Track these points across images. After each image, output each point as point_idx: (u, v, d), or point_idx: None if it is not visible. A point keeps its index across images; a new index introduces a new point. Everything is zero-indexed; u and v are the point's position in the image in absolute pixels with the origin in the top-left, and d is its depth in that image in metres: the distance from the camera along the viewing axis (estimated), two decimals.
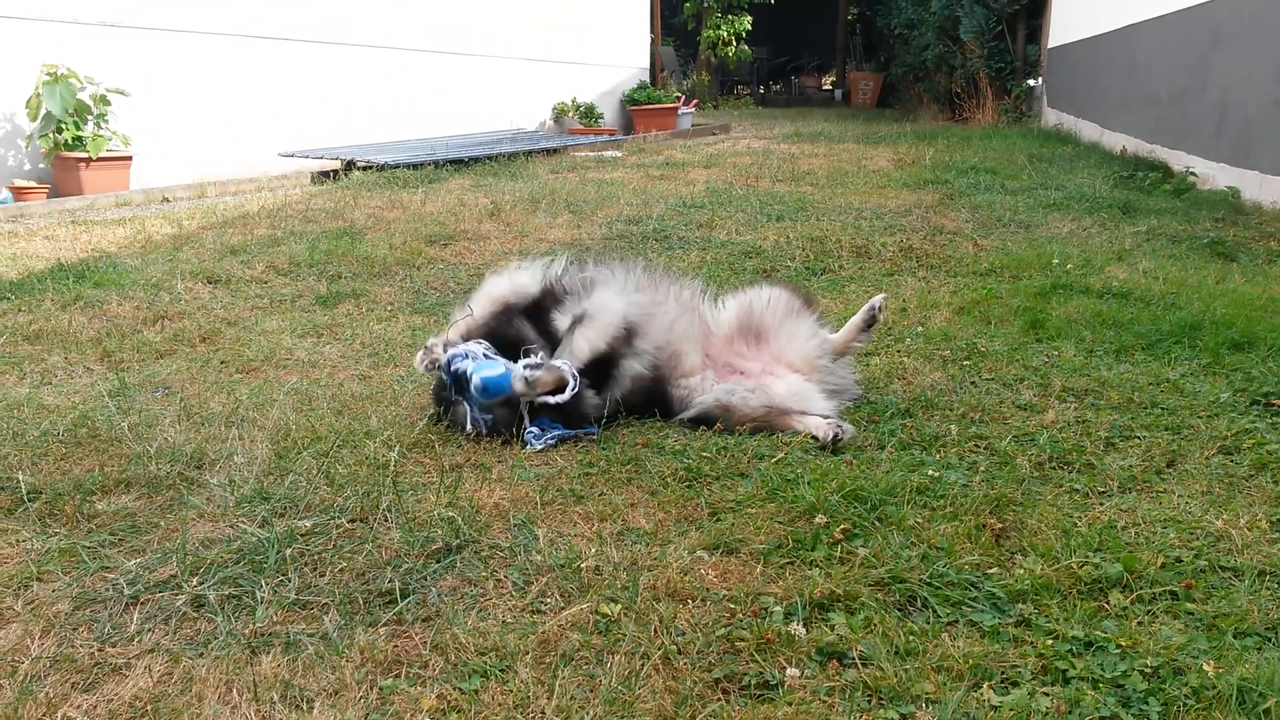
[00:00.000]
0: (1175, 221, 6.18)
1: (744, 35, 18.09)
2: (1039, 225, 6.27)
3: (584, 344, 2.97)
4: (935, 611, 1.99)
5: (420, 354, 3.05)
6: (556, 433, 2.90)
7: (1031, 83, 13.70)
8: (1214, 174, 7.36)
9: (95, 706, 1.71)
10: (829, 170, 8.67)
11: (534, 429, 2.88)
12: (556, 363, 2.92)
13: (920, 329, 4.06)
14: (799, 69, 25.47)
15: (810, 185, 7.90)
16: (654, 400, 3.11)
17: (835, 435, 2.83)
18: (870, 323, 3.33)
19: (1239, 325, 3.83)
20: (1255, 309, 4.07)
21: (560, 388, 2.86)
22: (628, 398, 3.05)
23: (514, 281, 3.21)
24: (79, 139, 7.49)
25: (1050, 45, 13.06)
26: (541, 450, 2.84)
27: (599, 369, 2.97)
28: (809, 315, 3.31)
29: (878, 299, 3.33)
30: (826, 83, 25.55)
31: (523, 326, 3.09)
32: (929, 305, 4.43)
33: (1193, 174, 7.52)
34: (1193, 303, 4.24)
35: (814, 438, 2.89)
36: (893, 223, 6.24)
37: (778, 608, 1.98)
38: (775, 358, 3.22)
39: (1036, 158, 9.20)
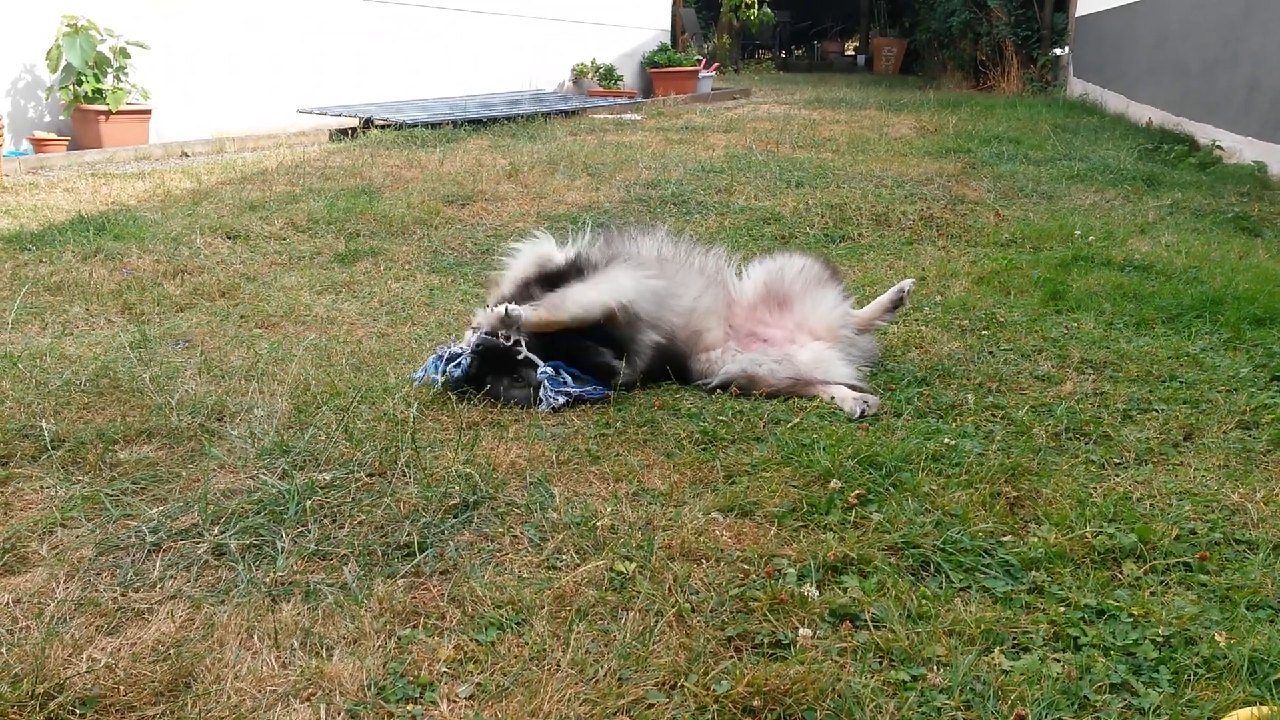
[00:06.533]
0: (1200, 195, 6.10)
1: None
2: (1061, 196, 6.21)
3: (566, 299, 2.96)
4: (948, 577, 2.00)
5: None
6: (569, 388, 2.90)
7: (1058, 51, 13.48)
8: (1241, 148, 7.25)
9: (119, 649, 1.75)
10: (850, 137, 8.59)
11: (547, 369, 2.89)
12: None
13: (939, 298, 4.04)
14: (822, 34, 25.08)
15: (831, 152, 7.83)
16: (671, 367, 3.11)
17: (862, 412, 2.83)
18: (897, 304, 3.37)
19: (1261, 301, 3.80)
20: (1278, 285, 4.02)
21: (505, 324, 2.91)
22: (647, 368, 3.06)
23: (538, 252, 3.17)
24: (99, 91, 7.47)
25: (1078, 14, 12.83)
26: (556, 410, 2.86)
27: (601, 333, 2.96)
28: (835, 285, 3.30)
29: (907, 283, 3.37)
30: (849, 48, 25.19)
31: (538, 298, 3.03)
32: (948, 274, 4.40)
33: (1219, 148, 7.41)
34: (1215, 277, 4.20)
35: (841, 410, 2.88)
36: (913, 191, 6.19)
37: (791, 569, 2.00)
38: (799, 325, 3.22)
39: (1061, 128, 9.08)
